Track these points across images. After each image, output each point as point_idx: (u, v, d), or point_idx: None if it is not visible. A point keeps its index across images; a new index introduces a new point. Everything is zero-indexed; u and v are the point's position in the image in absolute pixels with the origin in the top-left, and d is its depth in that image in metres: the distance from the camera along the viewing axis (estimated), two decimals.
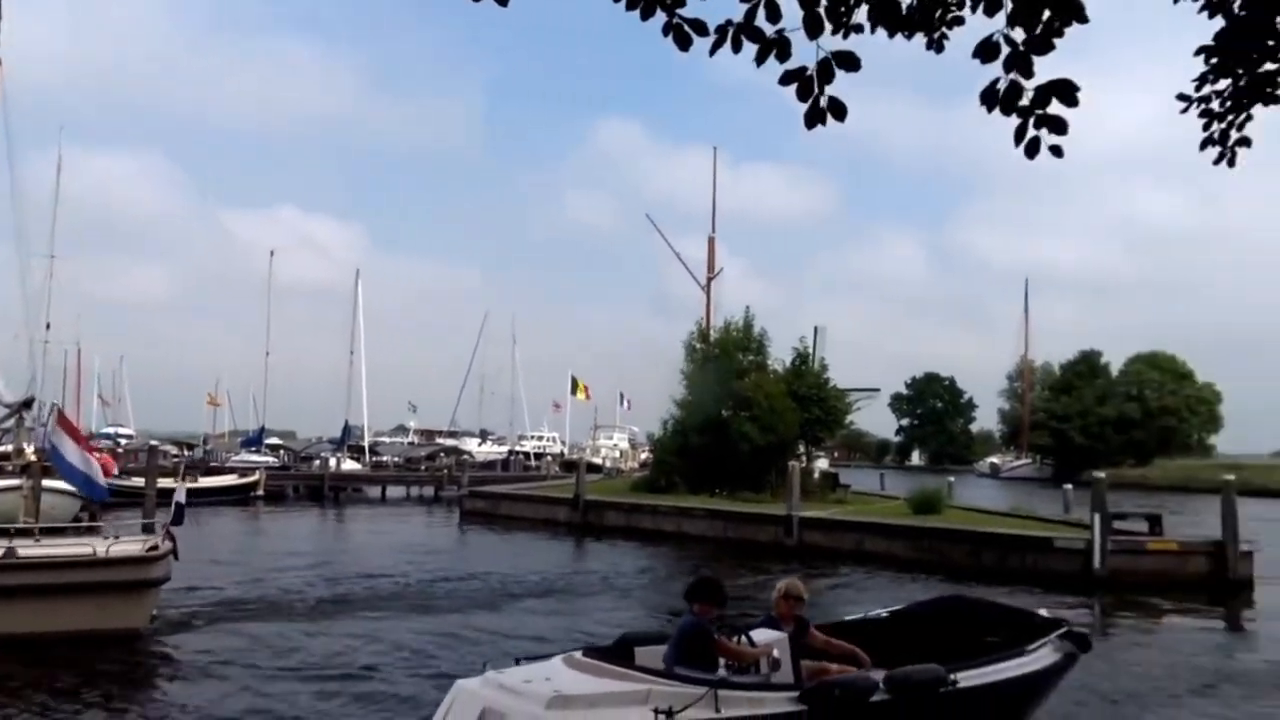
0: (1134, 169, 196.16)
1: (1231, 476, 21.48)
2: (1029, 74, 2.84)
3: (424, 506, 44.28)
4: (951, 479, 38.67)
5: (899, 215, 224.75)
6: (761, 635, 7.43)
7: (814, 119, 2.89)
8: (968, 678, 7.24)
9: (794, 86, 2.80)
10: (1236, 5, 4.43)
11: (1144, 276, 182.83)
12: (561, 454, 69.09)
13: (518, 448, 72.36)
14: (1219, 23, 4.70)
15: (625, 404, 79.58)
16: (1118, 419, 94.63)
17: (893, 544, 23.11)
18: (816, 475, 35.94)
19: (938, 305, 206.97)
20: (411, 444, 78.00)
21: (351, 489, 49.64)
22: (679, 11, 2.91)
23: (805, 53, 2.82)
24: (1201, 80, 4.73)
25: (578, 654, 6.86)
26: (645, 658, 7.18)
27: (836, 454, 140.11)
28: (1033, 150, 2.94)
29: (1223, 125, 4.85)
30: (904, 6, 2.86)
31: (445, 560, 22.90)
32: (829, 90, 2.84)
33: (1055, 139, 2.94)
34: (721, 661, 7.07)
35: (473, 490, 37.11)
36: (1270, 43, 4.55)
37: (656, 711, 5.93)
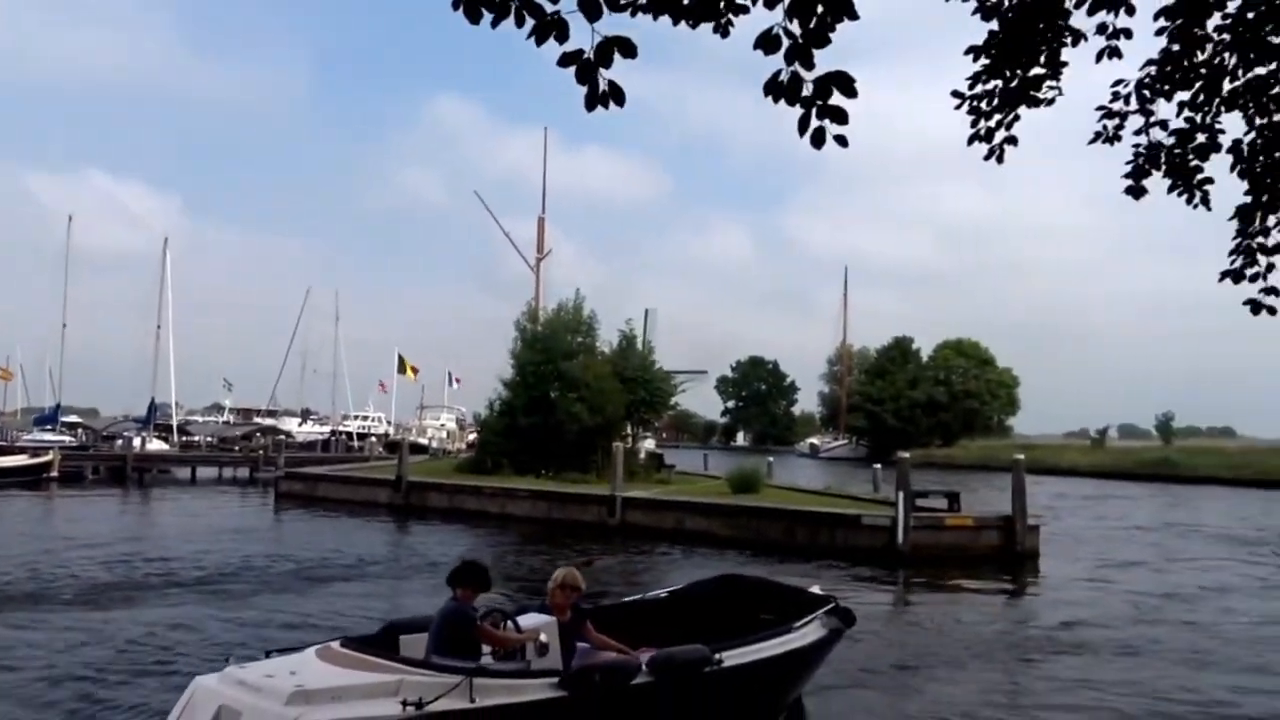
0: (947, 166, 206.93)
1: (1021, 456, 23.01)
2: (809, 65, 2.94)
3: (238, 489, 42.43)
4: (771, 459, 39.97)
5: (731, 202, 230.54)
6: (529, 620, 7.31)
7: (593, 102, 2.92)
8: (733, 656, 7.31)
9: (575, 69, 2.81)
10: (1007, 10, 4.74)
11: (953, 267, 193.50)
12: (386, 435, 67.52)
13: (341, 428, 70.30)
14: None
15: (455, 384, 78.46)
16: (927, 402, 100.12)
17: (711, 522, 23.70)
18: (642, 456, 36.50)
19: (765, 291, 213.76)
20: (226, 423, 74.68)
21: (158, 470, 47.10)
22: None
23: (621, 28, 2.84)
24: (974, 79, 5.04)
25: (334, 644, 6.53)
26: (410, 646, 6.92)
27: (664, 434, 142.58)
28: (818, 140, 3.04)
29: (990, 123, 5.18)
30: None
31: (255, 543, 22.01)
32: (609, 74, 2.86)
33: (838, 129, 3.05)
34: (488, 649, 6.91)
35: (289, 472, 35.76)
36: (1040, 47, 4.89)
37: (405, 703, 5.68)
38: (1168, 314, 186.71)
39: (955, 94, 5.13)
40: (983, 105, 5.12)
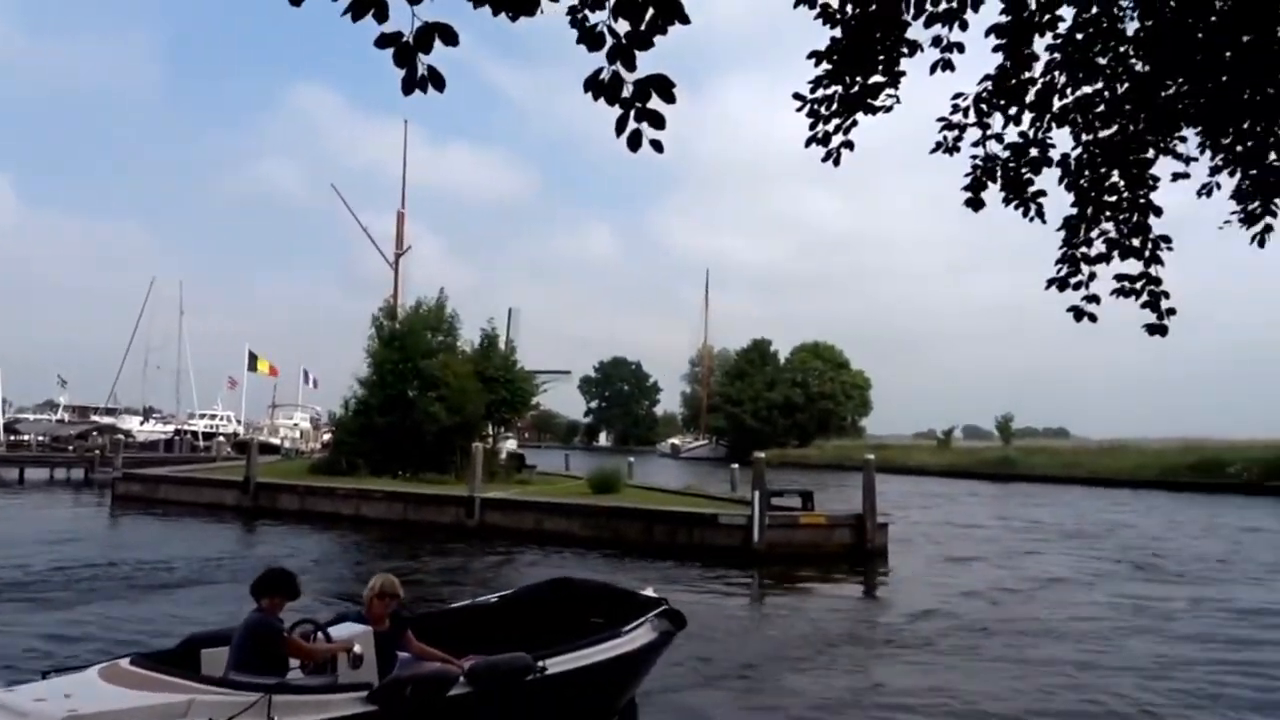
0: (810, 174, 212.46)
1: (871, 456, 23.76)
2: (631, 66, 2.89)
3: (71, 491, 40.05)
4: (632, 459, 40.25)
5: (598, 203, 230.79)
6: (343, 630, 6.87)
7: (411, 86, 2.79)
8: (558, 663, 7.16)
9: (393, 51, 2.68)
10: (849, 18, 4.80)
11: (811, 272, 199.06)
12: (235, 434, 64.87)
13: (186, 427, 67.16)
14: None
15: (311, 382, 76.05)
16: (784, 403, 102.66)
17: (571, 523, 23.62)
18: (503, 456, 36.12)
19: (630, 292, 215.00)
20: (60, 421, 70.40)
21: None
22: None
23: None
24: (815, 84, 5.10)
25: (122, 662, 6.00)
26: (212, 662, 6.48)
27: (527, 435, 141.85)
28: (635, 142, 2.99)
29: (828, 127, 5.25)
30: None
31: (85, 548, 20.77)
32: (429, 60, 2.74)
33: (655, 133, 3.01)
34: (297, 663, 6.52)
35: (128, 473, 33.91)
36: (878, 56, 4.98)
37: None
38: (1007, 319, 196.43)
39: (797, 96, 5.19)
40: (822, 109, 5.19)
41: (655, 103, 2.92)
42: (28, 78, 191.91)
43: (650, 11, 2.83)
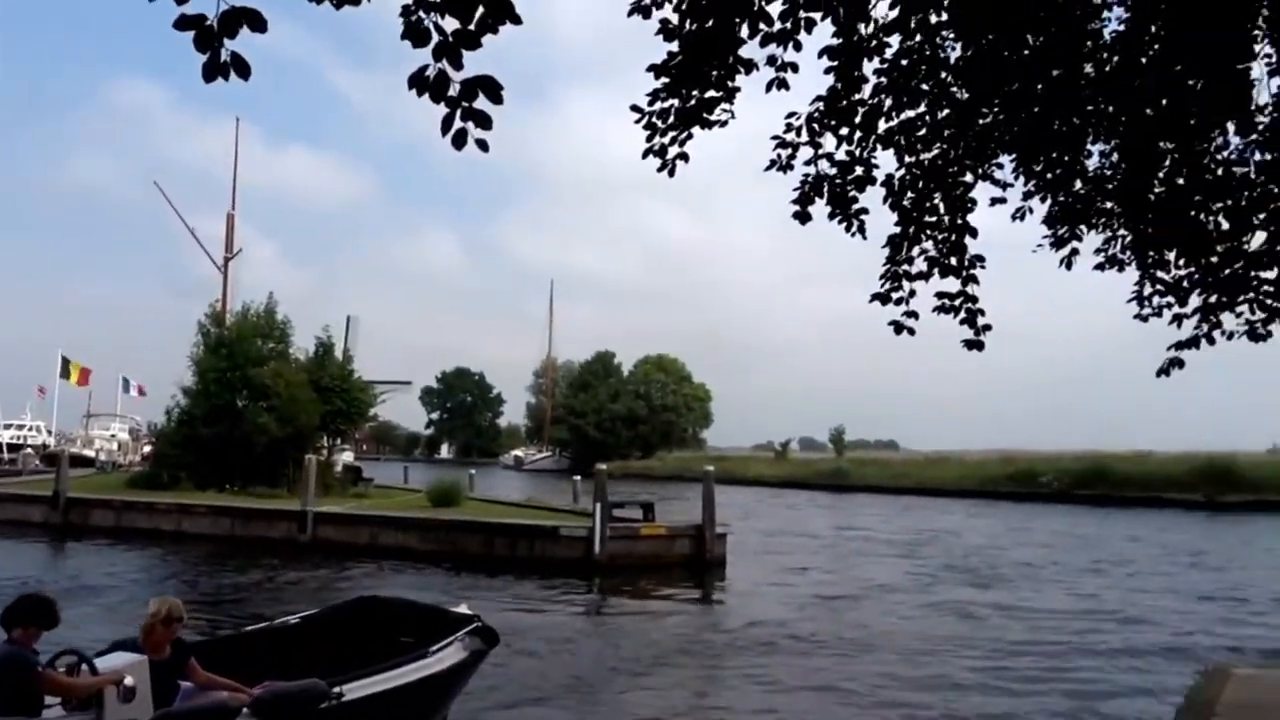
0: (655, 188, 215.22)
1: (711, 468, 24.22)
2: (458, 65, 2.82)
3: None
4: (473, 471, 39.69)
5: (442, 212, 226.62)
6: (113, 661, 6.18)
7: (213, 72, 2.63)
8: (357, 689, 6.73)
9: (195, 34, 2.51)
10: (687, 33, 4.85)
11: (656, 285, 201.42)
12: (45, 446, 60.45)
13: None
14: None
15: (134, 390, 71.56)
16: (627, 415, 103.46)
17: (408, 537, 23.08)
18: (339, 469, 35.02)
19: (474, 302, 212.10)
20: None
21: None
22: None
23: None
24: (653, 96, 5.13)
25: None
26: None
27: (365, 447, 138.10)
28: (460, 141, 2.92)
29: (664, 140, 5.30)
30: None
31: None
32: (233, 45, 2.59)
33: (481, 133, 2.94)
34: (57, 700, 5.86)
35: None
36: (713, 72, 5.05)
37: None
38: (840, 333, 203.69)
39: (634, 108, 5.22)
40: (658, 122, 5.24)
41: (482, 103, 2.86)
42: None
43: (480, 10, 2.77)
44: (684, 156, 5.59)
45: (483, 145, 2.95)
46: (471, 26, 2.80)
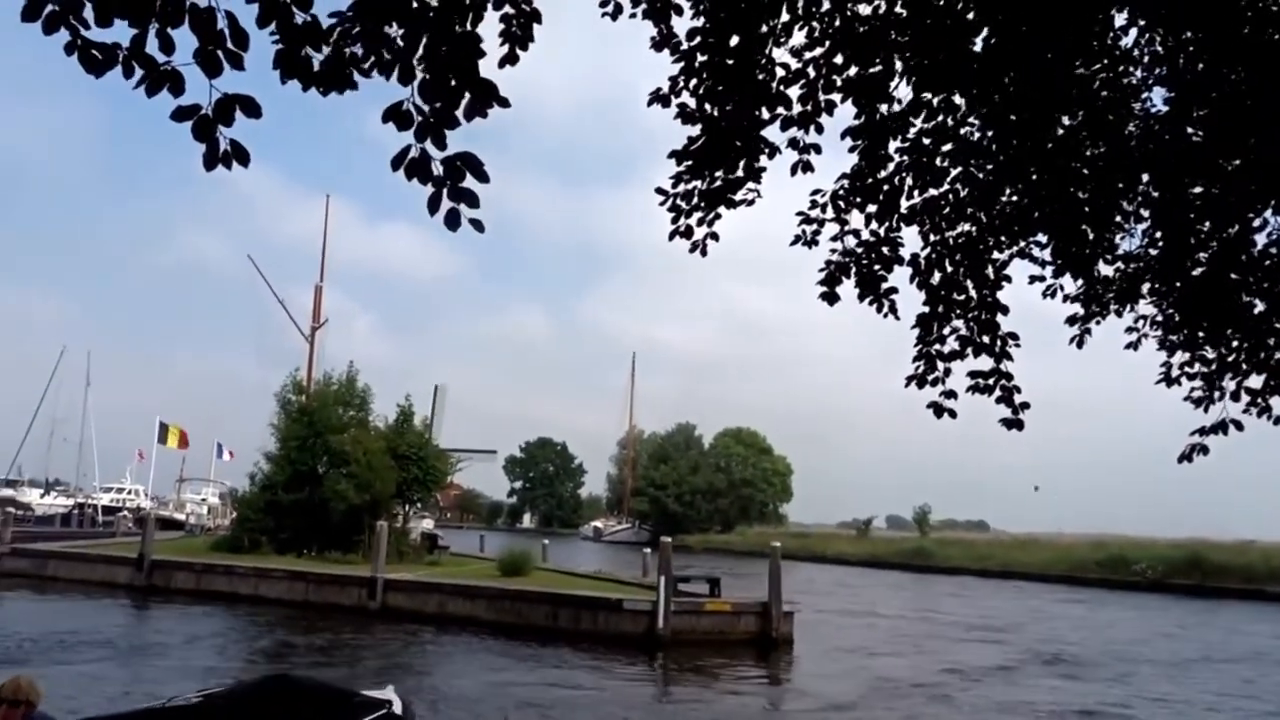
0: (737, 264, 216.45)
1: (778, 544, 23.86)
2: (441, 145, 2.93)
3: None
4: (546, 541, 39.76)
5: (530, 287, 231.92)
6: None
7: (213, 161, 2.80)
8: None
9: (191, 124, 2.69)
10: (707, 116, 4.97)
11: (737, 357, 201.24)
12: (139, 509, 62.41)
13: (91, 500, 64.45)
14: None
15: (226, 455, 73.64)
16: (707, 488, 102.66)
17: (475, 606, 23.14)
18: (415, 536, 35.41)
19: (558, 374, 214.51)
20: None
21: None
22: (84, 33, 2.70)
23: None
24: (676, 180, 5.24)
25: None
26: None
27: (449, 514, 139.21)
28: (452, 221, 3.00)
29: (690, 221, 5.39)
30: (315, 62, 2.86)
31: None
32: (229, 133, 2.76)
33: (472, 212, 3.02)
34: None
35: (15, 548, 32.38)
36: (736, 157, 5.14)
37: None
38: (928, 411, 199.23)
39: (660, 191, 5.33)
40: (682, 204, 5.34)
41: (469, 181, 2.95)
42: None
43: (467, 97, 2.90)
44: (714, 236, 5.68)
45: (477, 225, 3.04)
46: (459, 113, 2.92)
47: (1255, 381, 5.80)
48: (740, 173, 5.23)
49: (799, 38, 5.01)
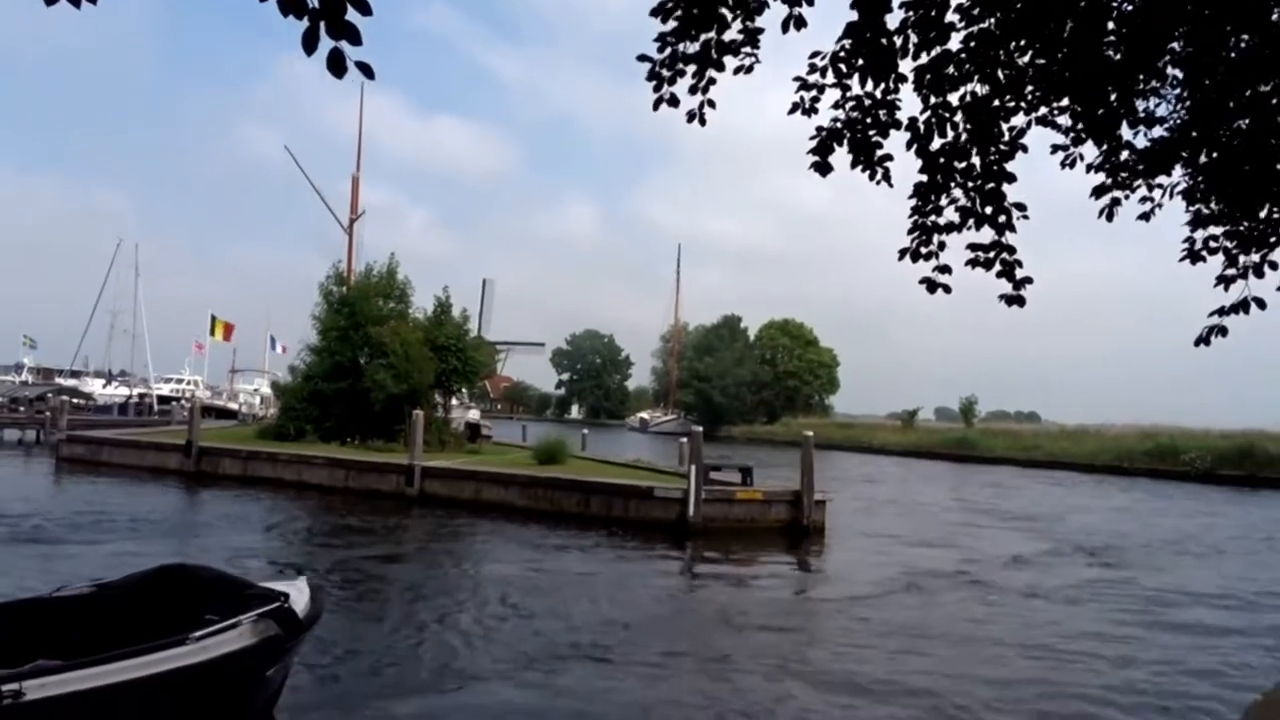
0: (787, 156, 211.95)
1: (810, 433, 23.61)
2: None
3: (23, 452, 39.45)
4: (585, 430, 40.06)
5: (581, 182, 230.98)
6: None
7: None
8: (51, 685, 5.31)
9: None
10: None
11: (789, 251, 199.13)
12: (194, 398, 63.95)
13: (151, 390, 66.19)
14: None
15: (279, 348, 74.99)
16: (752, 380, 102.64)
17: (509, 493, 23.43)
18: (458, 425, 35.85)
19: (609, 268, 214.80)
20: (24, 383, 69.27)
21: None
22: None
23: None
24: (661, 43, 4.85)
25: None
26: None
27: (500, 406, 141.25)
28: (337, 66, 2.65)
29: (675, 88, 5.02)
30: None
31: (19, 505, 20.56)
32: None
33: (357, 53, 2.69)
34: None
35: (71, 435, 33.39)
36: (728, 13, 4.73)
37: None
38: (982, 303, 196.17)
39: (643, 58, 4.95)
40: (664, 71, 4.97)
41: (352, 15, 2.62)
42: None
43: None
44: (710, 104, 5.29)
45: (365, 70, 2.73)
46: None
47: None
48: (736, 34, 4.83)
49: None
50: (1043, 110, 5.62)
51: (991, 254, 5.19)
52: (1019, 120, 5.62)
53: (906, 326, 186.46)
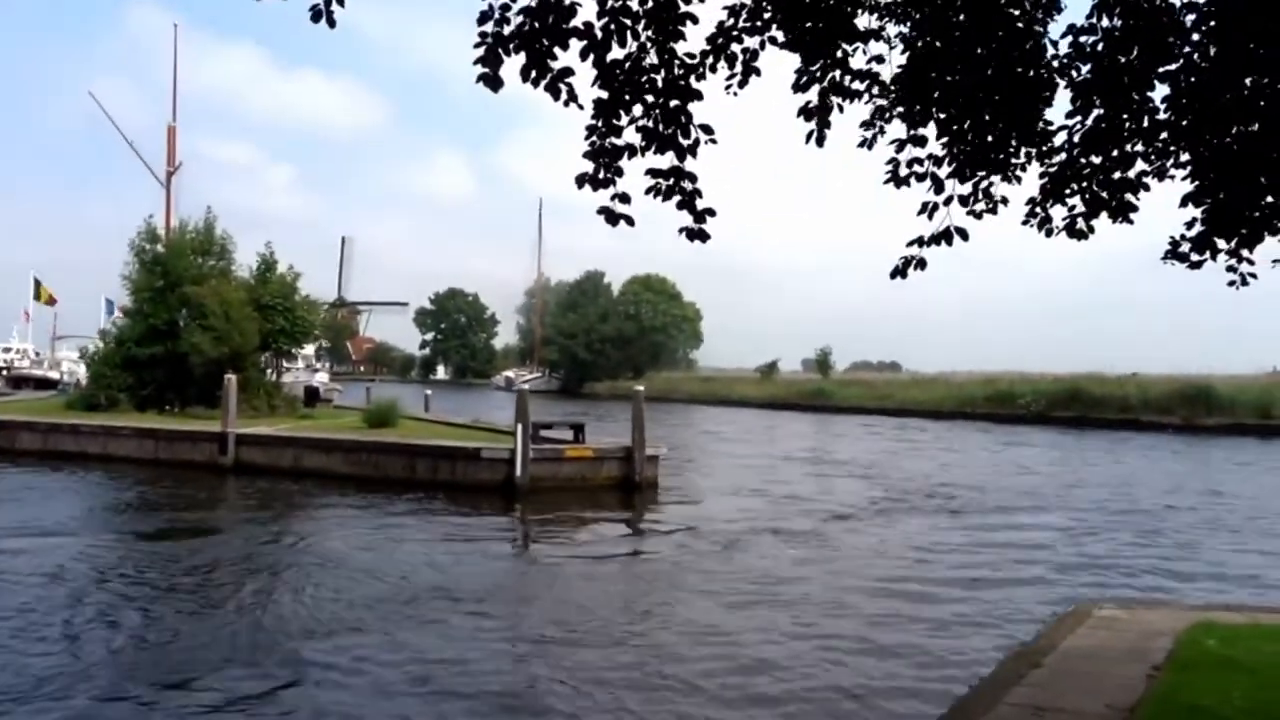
0: None
1: (641, 388, 23.28)
2: None
3: None
4: (429, 391, 39.04)
5: (447, 138, 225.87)
6: None
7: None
8: None
9: None
10: None
11: (651, 208, 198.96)
12: (9, 367, 59.77)
13: None
14: None
15: (117, 312, 70.46)
16: (617, 335, 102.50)
17: (331, 459, 22.35)
18: (290, 389, 34.26)
19: (475, 226, 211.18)
20: None
21: None
22: None
23: None
24: None
25: None
26: None
27: (362, 368, 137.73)
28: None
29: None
30: None
31: None
32: None
33: None
34: None
35: None
36: None
37: None
38: (844, 259, 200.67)
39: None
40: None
41: None
42: None
43: None
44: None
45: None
46: None
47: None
48: None
49: None
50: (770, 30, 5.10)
51: (670, 180, 4.62)
52: (752, 42, 5.09)
53: (765, 283, 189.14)
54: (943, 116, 5.14)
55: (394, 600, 11.02)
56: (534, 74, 4.53)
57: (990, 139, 5.22)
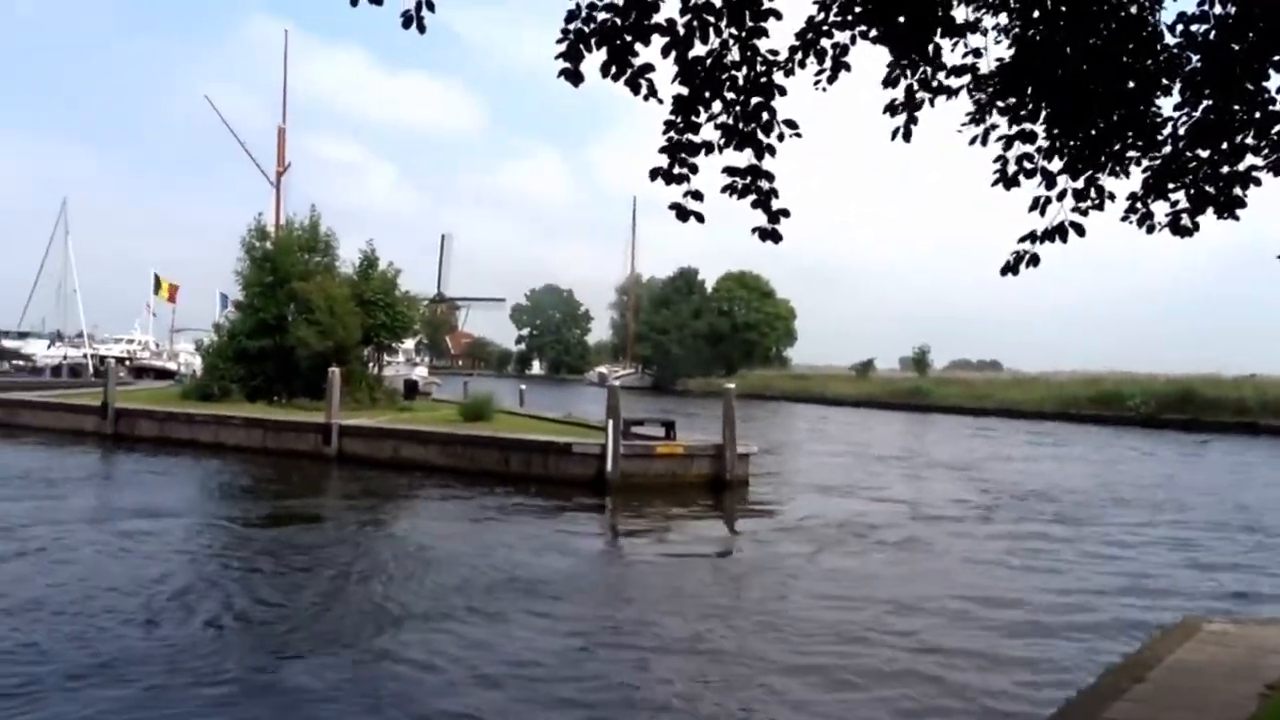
0: None
1: (731, 385, 23.25)
2: None
3: None
4: (523, 386, 39.36)
5: (545, 137, 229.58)
6: None
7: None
8: None
9: None
10: None
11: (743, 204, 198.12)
12: (132, 358, 62.56)
13: (97, 351, 64.32)
14: None
15: (230, 306, 73.21)
16: (709, 332, 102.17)
17: (429, 451, 22.86)
18: (392, 383, 35.11)
19: (570, 222, 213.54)
20: None
21: None
22: None
23: None
24: None
25: None
26: None
27: (461, 363, 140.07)
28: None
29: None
30: None
31: None
32: None
33: None
34: None
35: None
36: None
37: None
38: (950, 257, 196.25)
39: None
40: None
41: None
42: None
43: None
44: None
45: None
46: None
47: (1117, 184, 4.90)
48: None
49: None
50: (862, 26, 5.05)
51: (747, 179, 4.60)
52: (842, 37, 5.05)
53: (864, 280, 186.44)
54: (1049, 110, 5.01)
55: (483, 593, 11.23)
56: (614, 69, 4.57)
57: (1101, 132, 5.07)
